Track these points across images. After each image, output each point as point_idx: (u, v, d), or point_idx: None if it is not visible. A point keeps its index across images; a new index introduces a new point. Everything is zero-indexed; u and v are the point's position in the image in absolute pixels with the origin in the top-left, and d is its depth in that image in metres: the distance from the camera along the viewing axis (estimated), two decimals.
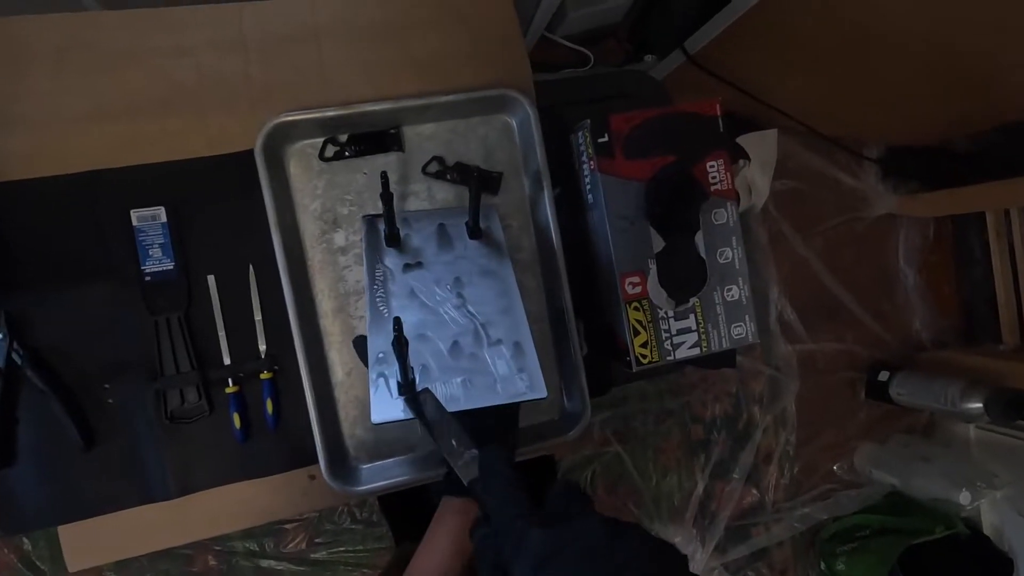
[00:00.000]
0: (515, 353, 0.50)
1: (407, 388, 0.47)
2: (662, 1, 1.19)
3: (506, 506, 0.34)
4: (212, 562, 1.28)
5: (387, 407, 0.46)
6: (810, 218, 1.54)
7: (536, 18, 1.12)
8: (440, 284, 0.53)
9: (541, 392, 0.48)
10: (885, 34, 0.95)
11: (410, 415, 0.46)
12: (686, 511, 1.46)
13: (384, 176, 0.49)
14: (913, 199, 1.54)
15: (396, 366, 0.46)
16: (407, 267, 0.55)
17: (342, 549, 1.35)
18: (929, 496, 1.43)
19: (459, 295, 0.52)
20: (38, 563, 1.23)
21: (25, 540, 1.22)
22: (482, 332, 0.51)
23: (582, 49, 1.30)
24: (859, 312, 1.58)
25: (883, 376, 1.53)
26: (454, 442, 0.42)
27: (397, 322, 0.42)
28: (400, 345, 0.43)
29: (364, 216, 0.58)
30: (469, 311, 0.52)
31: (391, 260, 0.55)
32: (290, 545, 1.33)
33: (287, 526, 1.32)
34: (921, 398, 1.44)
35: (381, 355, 0.49)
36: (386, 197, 0.50)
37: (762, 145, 1.40)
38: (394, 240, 0.55)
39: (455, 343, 0.50)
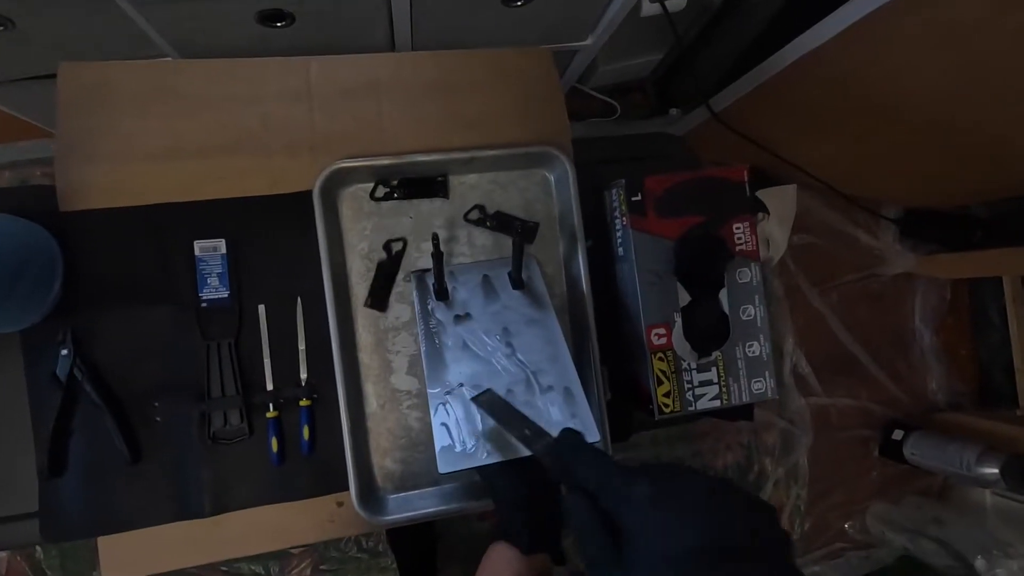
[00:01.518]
0: (566, 399, 0.52)
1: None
2: (689, 60, 1.25)
3: (602, 467, 0.34)
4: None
5: (452, 456, 0.49)
6: (827, 273, 1.56)
7: (569, 70, 1.18)
8: (489, 335, 0.56)
9: (594, 435, 0.51)
10: (908, 113, 0.99)
11: (474, 463, 0.48)
12: None
13: (435, 237, 0.52)
14: (931, 260, 1.56)
15: (456, 415, 0.49)
16: (457, 319, 0.58)
17: None
18: (942, 562, 1.40)
19: (508, 344, 0.55)
20: (48, 572, 1.25)
21: (38, 548, 1.24)
22: (533, 380, 0.53)
23: (610, 100, 1.36)
24: (874, 369, 1.58)
25: (897, 435, 1.52)
26: (527, 431, 0.43)
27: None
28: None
29: (413, 272, 0.62)
30: (519, 360, 0.54)
31: (441, 313, 0.58)
32: (295, 571, 1.33)
33: (293, 551, 1.32)
34: (936, 460, 1.43)
35: (441, 405, 0.52)
36: (437, 256, 0.54)
37: (782, 199, 1.44)
38: (443, 294, 0.58)
39: (509, 391, 0.53)
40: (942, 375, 1.61)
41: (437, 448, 0.49)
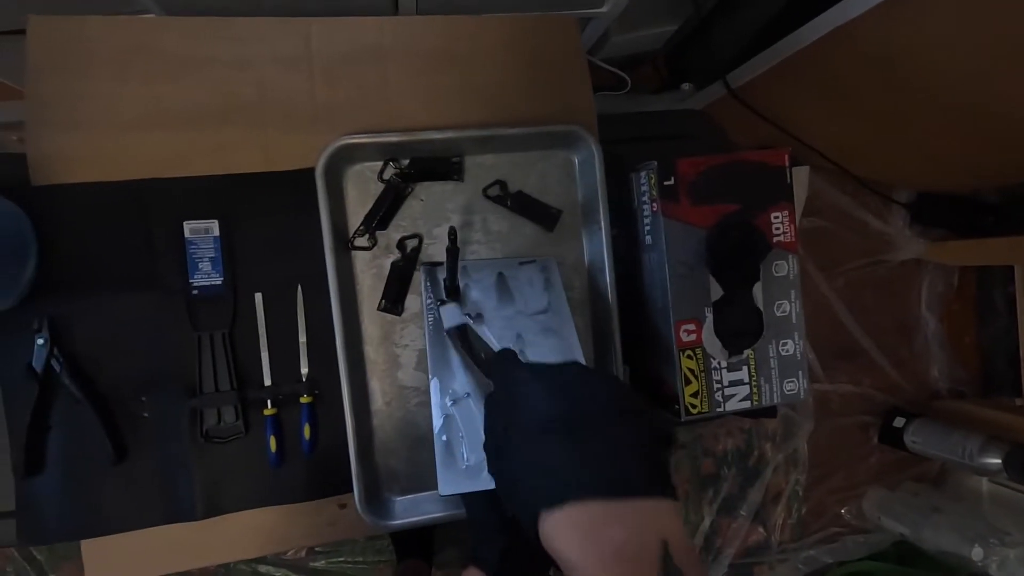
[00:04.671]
0: None
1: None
2: (706, 32, 1.18)
3: (506, 362, 0.43)
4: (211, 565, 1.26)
5: (455, 476, 0.44)
6: (834, 258, 1.53)
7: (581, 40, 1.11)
8: (502, 341, 0.50)
9: None
10: (939, 92, 0.94)
11: (478, 486, 0.44)
12: None
13: (452, 232, 0.47)
14: (940, 246, 1.53)
15: (461, 429, 0.45)
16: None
17: (341, 559, 1.33)
18: (939, 548, 1.40)
19: (521, 353, 0.50)
20: (35, 553, 1.22)
21: None
22: None
23: (620, 73, 1.29)
24: (877, 356, 1.56)
25: (898, 422, 1.51)
26: (483, 355, 0.47)
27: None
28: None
29: (423, 264, 0.57)
30: None
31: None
32: (290, 552, 1.31)
33: None
34: (937, 448, 1.42)
35: (446, 417, 0.47)
36: (452, 252, 0.48)
37: (793, 181, 1.39)
38: (454, 293, 0.53)
39: None
40: (945, 362, 1.60)
41: (439, 466, 0.44)
